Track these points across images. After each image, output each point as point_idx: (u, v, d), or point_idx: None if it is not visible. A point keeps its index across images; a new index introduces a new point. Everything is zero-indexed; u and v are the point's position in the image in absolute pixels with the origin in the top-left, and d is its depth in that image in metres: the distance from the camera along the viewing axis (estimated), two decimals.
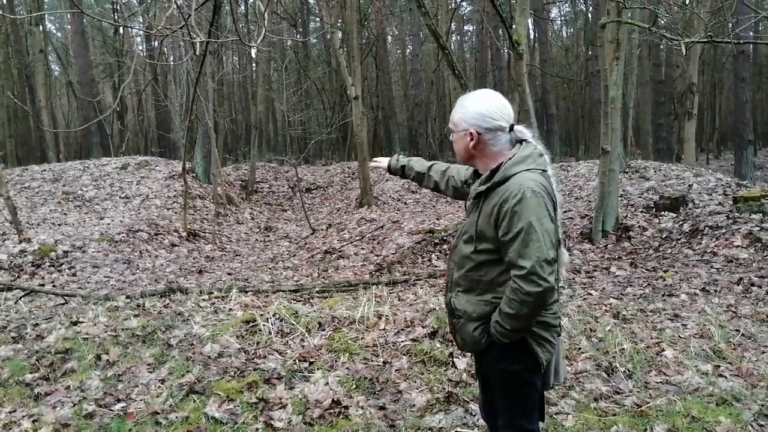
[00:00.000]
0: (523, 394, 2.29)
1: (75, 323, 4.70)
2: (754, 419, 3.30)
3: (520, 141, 2.23)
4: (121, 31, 21.00)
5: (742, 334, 4.54)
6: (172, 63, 16.21)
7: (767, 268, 6.57)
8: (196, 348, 4.21)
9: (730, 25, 13.39)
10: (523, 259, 1.99)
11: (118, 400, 3.56)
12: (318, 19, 28.51)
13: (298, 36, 24.17)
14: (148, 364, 4.02)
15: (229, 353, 4.12)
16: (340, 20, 19.60)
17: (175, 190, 13.87)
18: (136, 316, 4.89)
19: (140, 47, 23.87)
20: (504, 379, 2.26)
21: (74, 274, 8.39)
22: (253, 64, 26.87)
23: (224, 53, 22.49)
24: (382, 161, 2.93)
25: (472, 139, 2.22)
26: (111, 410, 3.44)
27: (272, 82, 25.94)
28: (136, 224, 11.17)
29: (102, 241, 9.83)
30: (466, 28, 34.84)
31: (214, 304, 5.44)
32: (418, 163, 2.79)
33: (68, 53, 24.78)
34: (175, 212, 12.63)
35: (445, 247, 9.18)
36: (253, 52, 22.47)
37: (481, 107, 2.21)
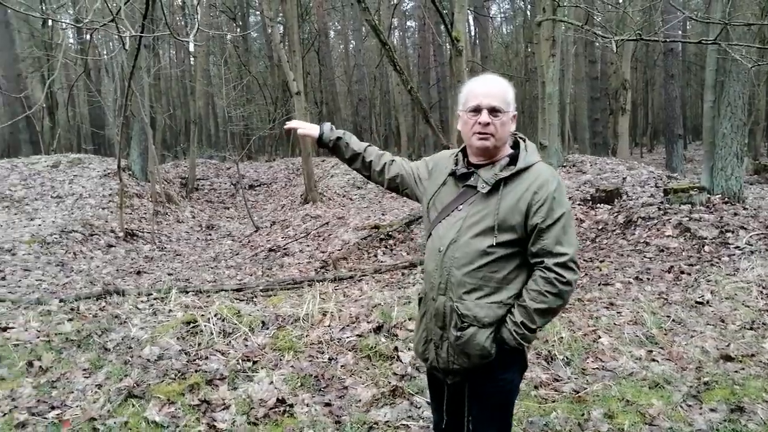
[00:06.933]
0: (513, 404, 2.17)
1: (4, 329, 4.47)
2: (683, 400, 3.47)
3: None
4: (50, 23, 20.04)
5: (673, 320, 4.76)
6: (105, 57, 15.58)
7: (695, 257, 6.91)
8: (134, 351, 4.08)
9: (661, 23, 14.00)
10: (563, 246, 1.90)
11: (53, 408, 3.42)
12: (258, 12, 28.04)
13: (238, 30, 23.71)
14: (84, 369, 3.87)
15: (169, 355, 4.01)
16: (280, 14, 19.36)
17: (111, 189, 13.37)
18: (70, 320, 4.70)
19: (71, 40, 22.78)
20: (505, 392, 2.07)
21: (3, 278, 7.96)
22: (191, 59, 26.23)
23: (160, 47, 21.81)
24: (309, 127, 2.42)
25: (513, 122, 2.08)
26: (45, 418, 3.29)
27: (212, 76, 25.37)
28: (70, 225, 10.70)
29: (33, 243, 9.38)
30: (408, 23, 35.06)
31: (152, 305, 5.28)
32: (354, 140, 2.40)
33: None
34: (111, 212, 12.18)
35: (391, 242, 9.20)
36: (191, 46, 21.91)
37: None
